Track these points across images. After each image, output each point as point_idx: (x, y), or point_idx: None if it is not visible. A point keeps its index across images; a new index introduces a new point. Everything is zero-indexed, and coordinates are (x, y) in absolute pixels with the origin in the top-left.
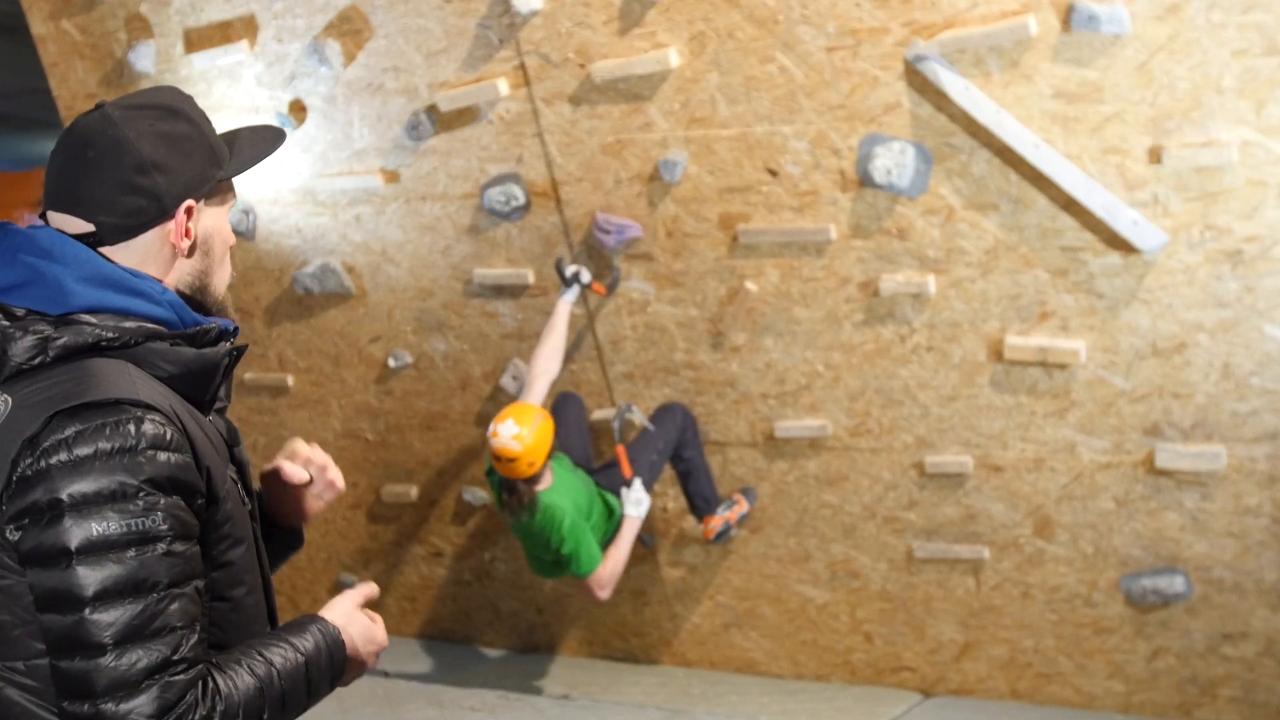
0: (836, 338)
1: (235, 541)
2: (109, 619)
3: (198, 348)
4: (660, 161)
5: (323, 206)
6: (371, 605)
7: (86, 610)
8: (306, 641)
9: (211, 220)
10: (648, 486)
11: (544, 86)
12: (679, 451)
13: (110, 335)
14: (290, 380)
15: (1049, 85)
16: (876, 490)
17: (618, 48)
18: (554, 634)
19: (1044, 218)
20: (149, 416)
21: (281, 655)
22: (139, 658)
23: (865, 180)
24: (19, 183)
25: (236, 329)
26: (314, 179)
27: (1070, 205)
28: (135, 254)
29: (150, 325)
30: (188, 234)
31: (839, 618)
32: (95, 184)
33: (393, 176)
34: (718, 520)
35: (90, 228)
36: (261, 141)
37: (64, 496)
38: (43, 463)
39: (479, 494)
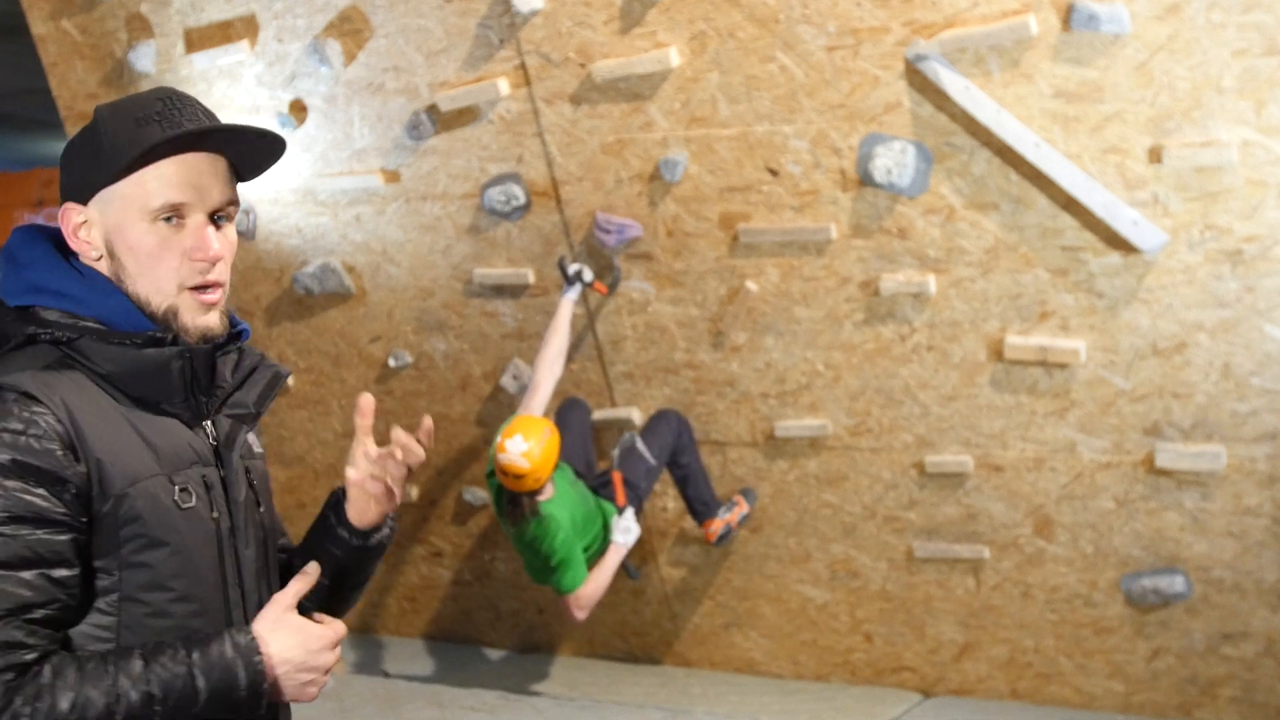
0: (837, 337)
1: (152, 543)
2: None
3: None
4: (661, 161)
5: (323, 206)
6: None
7: None
8: (208, 649)
9: (115, 226)
10: (643, 498)
11: (544, 86)
12: (676, 458)
13: (38, 330)
14: (290, 380)
15: (1049, 85)
16: (876, 490)
17: (618, 47)
18: (554, 634)
19: (1044, 217)
20: (16, 401)
21: (165, 659)
22: None
23: (866, 180)
24: (19, 183)
25: (241, 332)
26: (314, 179)
27: (1070, 205)
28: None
29: (85, 323)
30: (75, 236)
31: (839, 618)
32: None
33: (393, 176)
34: (719, 523)
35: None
36: (175, 142)
37: None
38: None
39: (479, 494)
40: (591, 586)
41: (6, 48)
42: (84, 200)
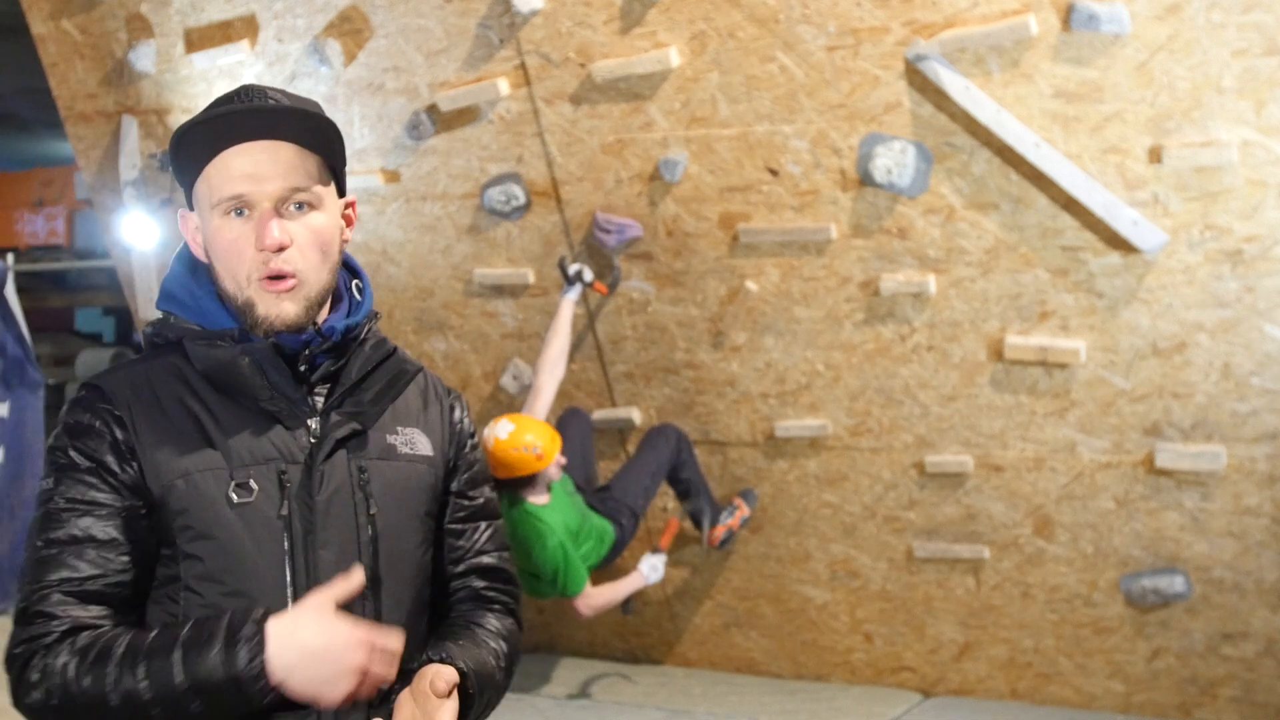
0: (837, 337)
1: (200, 535)
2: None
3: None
4: (661, 161)
5: None
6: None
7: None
8: (193, 663)
9: (209, 227)
10: (641, 511)
11: (544, 86)
12: (675, 473)
13: (150, 332)
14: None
15: (1049, 85)
16: (876, 490)
17: (618, 47)
18: (554, 634)
19: (1044, 217)
20: (87, 396)
21: (158, 667)
22: (19, 595)
23: (866, 180)
24: (19, 183)
25: (245, 337)
26: None
27: (1070, 205)
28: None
29: (185, 325)
30: (194, 242)
31: (839, 618)
32: None
33: (393, 176)
34: (721, 529)
35: None
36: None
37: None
38: None
39: None
40: (604, 596)
41: (6, 48)
42: (191, 205)
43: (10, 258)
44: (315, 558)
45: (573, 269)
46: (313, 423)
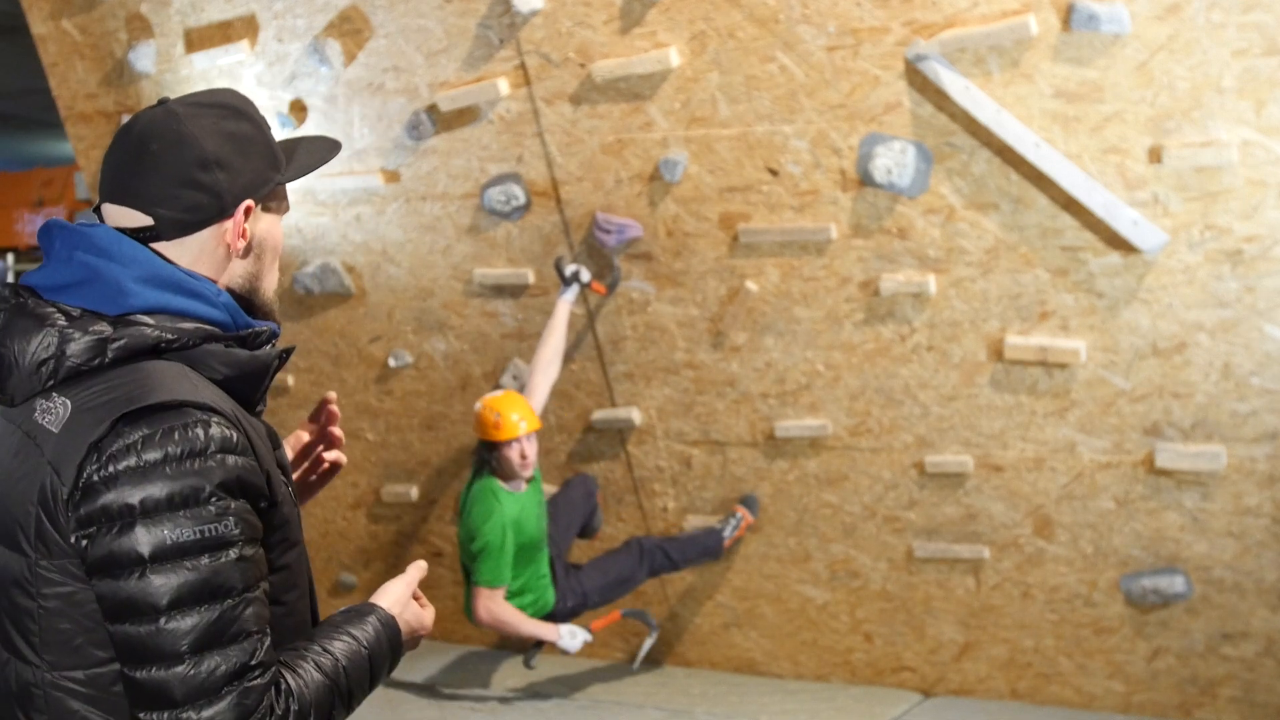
0: (837, 337)
1: (290, 544)
2: (185, 627)
3: (249, 350)
4: (661, 161)
5: (323, 206)
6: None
7: (162, 619)
8: (367, 631)
9: (266, 224)
10: (591, 604)
11: (544, 86)
12: (655, 572)
13: (170, 337)
14: (290, 380)
15: (1049, 85)
16: (876, 490)
17: (618, 47)
18: None
19: (1044, 217)
20: (214, 420)
21: (345, 648)
22: (217, 664)
23: (866, 180)
24: (19, 183)
25: (278, 332)
26: (314, 179)
27: (1070, 205)
28: (189, 251)
29: (206, 327)
30: (244, 235)
31: (839, 618)
32: (157, 178)
33: (393, 176)
34: (727, 542)
35: (148, 221)
36: (319, 149)
37: (135, 503)
38: (110, 468)
39: None
40: (509, 614)
41: (6, 48)
42: (257, 197)
43: (10, 258)
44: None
45: (569, 269)
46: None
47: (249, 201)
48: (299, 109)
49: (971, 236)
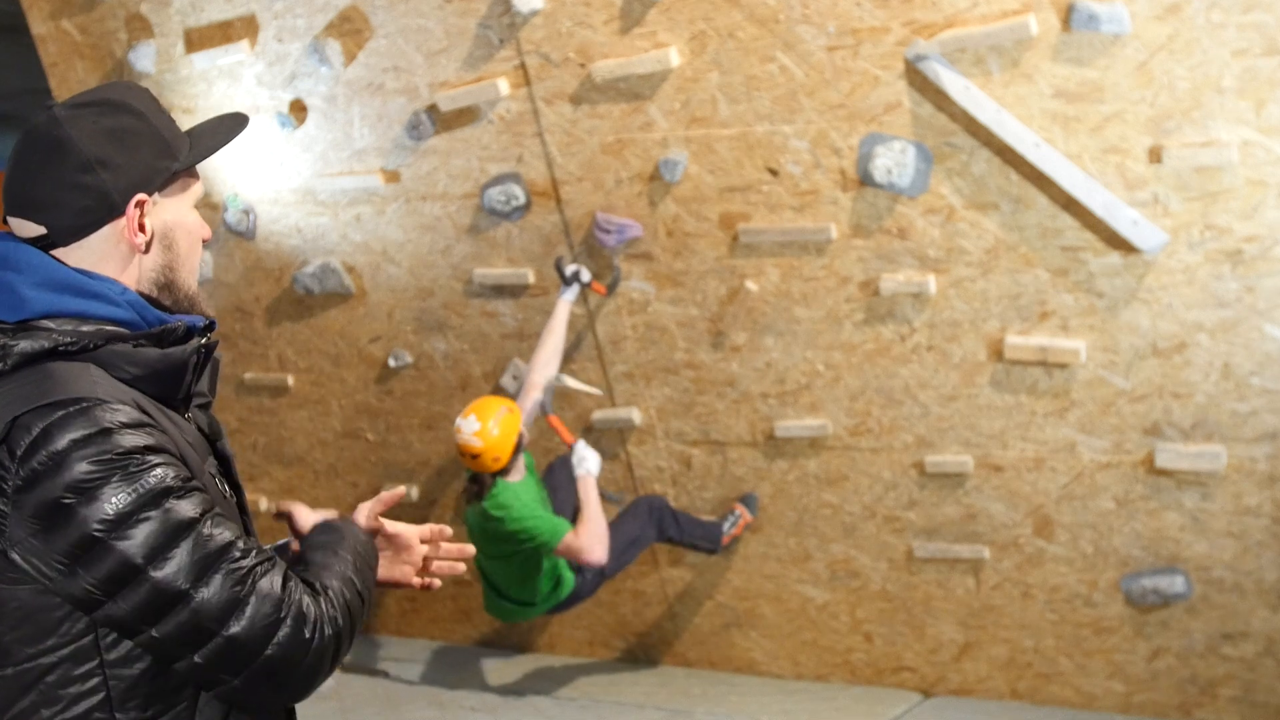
0: (837, 337)
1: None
2: (174, 568)
3: (163, 347)
4: (661, 161)
5: (323, 206)
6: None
7: (150, 571)
8: (343, 538)
9: (172, 213)
10: (609, 572)
11: (544, 86)
12: (663, 534)
13: (68, 340)
14: (290, 380)
15: (1049, 85)
16: (876, 490)
17: (618, 47)
18: (555, 634)
19: (1044, 217)
20: (111, 406)
21: (339, 555)
22: (220, 579)
23: (866, 180)
24: None
25: (212, 323)
26: (314, 179)
27: (1070, 205)
28: (91, 254)
29: (110, 328)
30: (142, 229)
31: (839, 618)
32: (43, 185)
33: (393, 176)
34: (725, 539)
35: (42, 230)
36: (222, 130)
37: (63, 493)
38: (23, 470)
39: None
40: (588, 527)
41: (6, 48)
42: (150, 190)
43: None
44: (253, 533)
45: (569, 269)
46: (191, 414)
47: (140, 195)
48: (299, 109)
49: (971, 236)
